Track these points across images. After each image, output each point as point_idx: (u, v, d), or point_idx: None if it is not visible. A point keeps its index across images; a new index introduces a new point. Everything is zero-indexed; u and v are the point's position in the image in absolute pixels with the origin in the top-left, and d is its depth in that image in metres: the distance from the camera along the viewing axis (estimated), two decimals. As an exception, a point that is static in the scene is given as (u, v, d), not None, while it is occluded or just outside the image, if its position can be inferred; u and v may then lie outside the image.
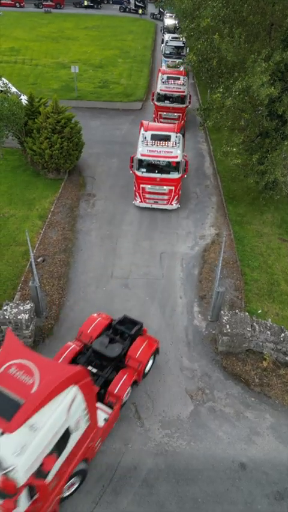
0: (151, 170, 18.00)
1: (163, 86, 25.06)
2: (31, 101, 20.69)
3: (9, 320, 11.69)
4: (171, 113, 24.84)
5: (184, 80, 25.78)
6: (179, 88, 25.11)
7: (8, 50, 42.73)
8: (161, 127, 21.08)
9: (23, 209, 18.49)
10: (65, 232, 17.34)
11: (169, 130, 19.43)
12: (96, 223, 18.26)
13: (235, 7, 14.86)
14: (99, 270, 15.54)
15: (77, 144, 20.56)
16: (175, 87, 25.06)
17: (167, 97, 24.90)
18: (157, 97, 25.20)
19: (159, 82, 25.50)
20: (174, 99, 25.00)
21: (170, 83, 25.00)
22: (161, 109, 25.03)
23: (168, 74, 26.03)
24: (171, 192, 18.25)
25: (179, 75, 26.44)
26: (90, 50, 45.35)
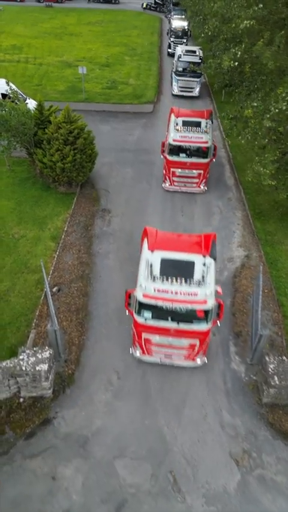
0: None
1: (177, 136, 18.40)
2: (41, 110, 19.05)
3: (26, 371, 10.25)
4: (188, 170, 18.99)
5: (207, 125, 19.05)
6: (200, 137, 18.50)
7: (10, 47, 40.87)
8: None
9: (34, 229, 16.98)
10: (81, 256, 15.85)
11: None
12: (113, 243, 16.77)
13: (272, 7, 13.24)
14: (121, 301, 13.96)
15: (90, 155, 19.00)
16: (195, 136, 18.43)
17: (183, 149, 18.66)
18: (169, 149, 18.69)
19: (171, 128, 18.91)
20: (193, 152, 18.67)
21: (188, 131, 18.49)
22: (175, 165, 18.98)
23: (184, 118, 19.21)
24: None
25: (199, 118, 19.40)
26: (95, 47, 43.47)
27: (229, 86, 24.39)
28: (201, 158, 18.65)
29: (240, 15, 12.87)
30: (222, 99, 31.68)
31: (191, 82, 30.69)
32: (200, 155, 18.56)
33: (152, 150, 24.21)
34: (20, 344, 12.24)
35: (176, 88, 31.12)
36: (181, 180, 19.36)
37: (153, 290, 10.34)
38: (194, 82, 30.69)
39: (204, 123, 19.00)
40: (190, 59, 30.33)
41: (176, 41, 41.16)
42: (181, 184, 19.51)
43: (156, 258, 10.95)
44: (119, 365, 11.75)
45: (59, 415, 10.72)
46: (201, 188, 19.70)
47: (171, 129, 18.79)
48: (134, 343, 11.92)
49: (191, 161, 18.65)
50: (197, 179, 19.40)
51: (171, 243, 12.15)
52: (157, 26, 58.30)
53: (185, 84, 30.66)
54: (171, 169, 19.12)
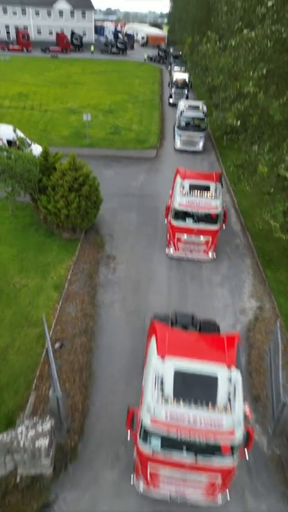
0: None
1: (184, 200, 16.68)
2: (46, 156, 19.00)
3: (24, 447, 9.10)
4: (195, 236, 17.19)
5: (217, 189, 17.18)
6: (209, 203, 16.62)
7: (17, 95, 42.36)
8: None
9: (36, 277, 16.27)
10: (85, 307, 15.02)
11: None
12: (119, 293, 16.00)
13: (279, 63, 13.46)
14: (128, 359, 13.08)
15: (95, 202, 18.71)
16: (203, 201, 16.59)
17: (190, 214, 16.86)
18: (174, 213, 17.00)
19: (177, 191, 17.18)
20: (201, 218, 16.82)
21: (195, 195, 16.75)
22: (180, 231, 17.23)
23: (192, 181, 17.47)
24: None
25: (208, 181, 17.66)
26: (98, 94, 45.17)
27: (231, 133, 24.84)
28: (210, 225, 16.87)
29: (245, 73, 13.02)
30: (224, 144, 32.34)
31: (194, 136, 29.98)
32: (209, 222, 16.81)
33: (157, 195, 24.14)
34: (19, 408, 11.14)
35: (178, 142, 30.32)
36: (187, 247, 17.72)
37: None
38: (198, 137, 29.99)
39: (214, 187, 17.28)
40: (193, 114, 29.59)
41: (177, 91, 42.43)
42: (187, 250, 17.83)
43: (168, 369, 8.55)
44: (127, 436, 10.56)
45: (60, 498, 9.44)
46: (209, 256, 17.82)
47: (176, 192, 17.23)
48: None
49: (198, 227, 16.89)
50: (205, 246, 17.54)
51: (186, 345, 9.82)
52: (158, 75, 61.26)
53: (188, 139, 29.95)
54: (176, 234, 17.42)
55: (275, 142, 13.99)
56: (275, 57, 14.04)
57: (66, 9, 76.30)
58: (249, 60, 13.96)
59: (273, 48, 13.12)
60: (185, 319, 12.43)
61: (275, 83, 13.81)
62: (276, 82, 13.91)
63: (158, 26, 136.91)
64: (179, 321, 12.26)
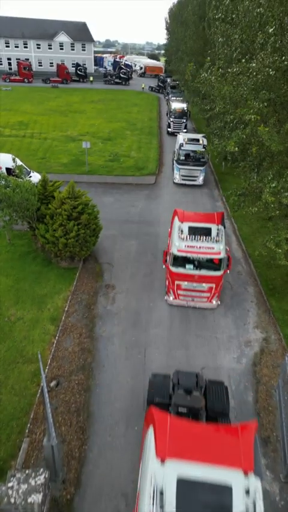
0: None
1: (183, 245, 15.02)
2: (44, 185, 18.82)
3: (15, 504, 8.28)
4: (197, 283, 15.46)
5: (219, 232, 15.61)
6: (211, 247, 14.99)
7: (17, 124, 43.00)
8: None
9: (32, 309, 15.68)
10: (83, 341, 14.36)
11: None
12: (118, 325, 15.37)
13: (280, 92, 13.44)
14: (128, 397, 12.31)
15: (94, 230, 18.38)
16: (204, 246, 14.96)
17: (190, 260, 15.19)
18: (173, 259, 15.29)
19: (175, 235, 15.61)
20: (203, 263, 15.19)
21: (195, 240, 15.09)
22: (180, 277, 15.52)
23: (191, 223, 15.90)
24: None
25: (209, 223, 16.04)
26: (97, 122, 45.92)
27: (231, 161, 24.84)
28: (213, 271, 15.18)
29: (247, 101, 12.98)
30: (222, 170, 32.48)
31: (194, 170, 28.71)
32: (211, 268, 15.14)
33: (156, 222, 23.89)
34: (10, 457, 10.31)
35: (177, 176, 29.14)
36: (188, 294, 15.89)
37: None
38: (198, 171, 28.77)
39: (216, 230, 15.66)
40: (193, 148, 28.35)
41: (176, 121, 42.35)
42: (188, 298, 16.02)
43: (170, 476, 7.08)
44: (127, 487, 9.74)
45: None
46: (213, 303, 16.09)
47: (174, 237, 15.58)
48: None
49: (200, 274, 15.22)
50: (208, 294, 15.78)
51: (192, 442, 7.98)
52: (155, 103, 62.66)
53: (188, 173, 28.73)
54: (175, 281, 15.70)
55: (277, 170, 13.76)
56: (276, 86, 14.07)
57: (66, 41, 79.10)
58: (250, 89, 13.96)
59: (274, 77, 13.12)
60: (189, 380, 10.98)
61: (276, 112, 13.75)
62: (277, 111, 13.85)
63: (155, 57, 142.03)
64: (182, 383, 10.86)
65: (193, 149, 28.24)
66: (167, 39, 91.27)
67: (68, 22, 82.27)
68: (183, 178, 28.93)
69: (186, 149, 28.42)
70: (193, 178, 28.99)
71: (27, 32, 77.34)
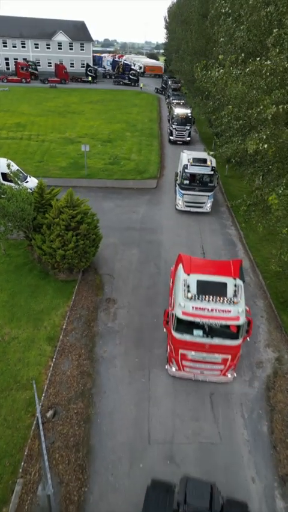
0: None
1: (190, 307, 11.31)
2: (41, 193, 17.77)
3: None
4: (208, 353, 11.74)
5: (237, 289, 11.75)
6: (227, 310, 11.22)
7: (14, 125, 41.91)
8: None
9: (28, 327, 14.63)
10: (82, 363, 13.32)
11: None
12: (120, 345, 14.32)
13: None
14: (132, 429, 11.29)
15: (93, 240, 17.33)
16: (218, 309, 11.21)
17: (199, 325, 11.44)
18: (176, 323, 11.64)
19: (179, 292, 11.76)
20: (215, 330, 11.41)
21: (207, 300, 11.30)
22: (186, 346, 11.82)
23: (200, 277, 12.02)
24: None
25: (224, 277, 12.16)
26: (97, 124, 44.85)
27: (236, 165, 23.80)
28: (229, 340, 11.38)
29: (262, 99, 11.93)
30: (226, 173, 31.44)
31: (200, 196, 24.11)
32: (227, 335, 11.37)
33: (159, 228, 22.86)
34: (1, 502, 9.27)
35: (180, 203, 24.46)
36: (196, 366, 12.26)
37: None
38: (205, 197, 24.19)
39: (232, 286, 11.66)
40: (200, 170, 23.74)
41: (179, 128, 38.75)
42: (196, 370, 12.45)
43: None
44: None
45: None
46: (228, 377, 12.53)
47: (179, 295, 11.55)
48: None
49: (211, 342, 11.43)
50: (222, 366, 12.09)
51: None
52: (155, 103, 61.60)
53: (193, 199, 24.15)
54: (179, 350, 11.99)
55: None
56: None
57: (65, 41, 77.92)
58: (262, 89, 12.90)
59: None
60: (200, 495, 8.19)
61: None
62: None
63: (154, 56, 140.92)
64: (191, 501, 8.12)
65: (199, 172, 23.77)
66: (166, 39, 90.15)
67: (66, 21, 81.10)
68: (187, 204, 24.43)
69: (191, 172, 23.87)
70: (199, 205, 24.48)
71: (25, 32, 76.15)
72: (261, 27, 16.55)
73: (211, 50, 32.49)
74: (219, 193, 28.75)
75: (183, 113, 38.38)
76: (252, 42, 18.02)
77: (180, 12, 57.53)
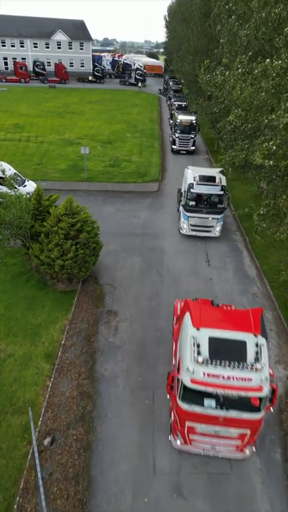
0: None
1: (200, 373, 9.17)
2: (39, 199, 16.98)
3: None
4: (222, 428, 9.65)
5: (260, 352, 9.41)
6: (247, 378, 9.07)
7: (13, 126, 41.10)
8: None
9: (24, 343, 13.86)
10: (82, 383, 12.53)
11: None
12: (122, 362, 13.54)
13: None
14: (135, 457, 10.52)
15: (94, 249, 16.55)
16: (234, 376, 9.08)
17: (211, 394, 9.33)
18: (183, 390, 9.45)
19: (187, 352, 9.56)
20: (231, 400, 9.29)
21: (220, 365, 9.16)
22: (195, 418, 9.70)
23: (213, 333, 9.80)
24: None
25: (240, 332, 9.86)
26: (96, 124, 44.05)
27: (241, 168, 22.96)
28: (249, 412, 9.26)
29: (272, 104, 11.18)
30: (229, 176, 30.58)
31: (208, 220, 21.10)
32: (246, 408, 9.23)
33: (161, 234, 22.09)
34: None
35: (185, 226, 21.38)
36: (206, 440, 10.08)
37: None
38: (214, 220, 21.13)
39: (253, 346, 9.37)
40: (207, 190, 20.57)
41: (183, 137, 35.37)
42: (206, 445, 10.26)
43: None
44: None
45: None
46: (245, 453, 10.35)
47: (186, 356, 9.44)
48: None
49: (226, 415, 9.28)
50: (238, 442, 9.93)
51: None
52: (156, 103, 60.82)
53: (200, 222, 21.13)
54: (186, 422, 9.83)
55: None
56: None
57: (64, 40, 77.07)
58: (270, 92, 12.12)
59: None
60: None
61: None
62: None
63: (154, 55, 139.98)
64: None
65: (207, 192, 20.66)
66: (166, 38, 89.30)
67: (65, 20, 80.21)
68: (193, 229, 21.30)
69: (198, 193, 20.64)
70: (207, 229, 21.37)
71: (24, 31, 75.30)
72: (270, 26, 15.78)
73: (213, 50, 31.72)
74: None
75: (188, 120, 35.02)
76: (259, 41, 17.25)
77: (181, 11, 56.66)
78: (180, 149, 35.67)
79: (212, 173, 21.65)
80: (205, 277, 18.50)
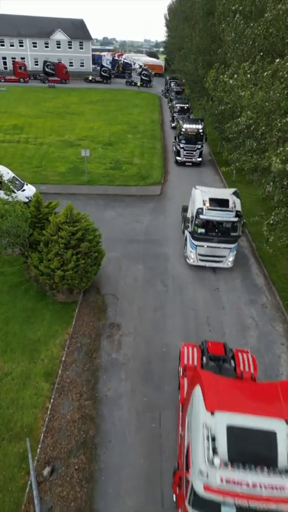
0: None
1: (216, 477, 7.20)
2: (38, 206, 16.21)
3: None
4: None
5: None
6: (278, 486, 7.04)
7: (11, 127, 40.30)
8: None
9: (23, 360, 13.09)
10: (84, 404, 11.77)
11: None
12: (126, 380, 12.77)
13: None
14: (142, 489, 9.76)
15: (95, 258, 15.79)
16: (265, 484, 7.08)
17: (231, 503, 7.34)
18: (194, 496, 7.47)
19: (198, 447, 7.66)
20: None
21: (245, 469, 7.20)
22: None
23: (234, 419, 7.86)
24: None
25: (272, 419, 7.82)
26: (97, 125, 43.25)
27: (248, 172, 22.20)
28: None
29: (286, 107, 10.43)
30: (233, 178, 29.84)
31: (219, 249, 18.01)
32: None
33: (165, 241, 21.33)
34: None
35: (193, 256, 18.34)
36: None
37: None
38: (226, 250, 18.05)
39: (285, 439, 7.50)
40: (220, 216, 17.32)
41: (188, 147, 32.07)
42: None
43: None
44: None
45: None
46: None
47: (197, 452, 7.64)
48: None
49: None
50: None
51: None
52: (157, 103, 60.00)
53: (210, 252, 18.06)
54: None
55: None
56: None
57: (63, 39, 76.24)
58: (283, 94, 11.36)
59: None
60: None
61: None
62: None
63: (154, 55, 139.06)
64: None
65: (219, 219, 17.36)
66: (166, 37, 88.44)
67: (65, 19, 79.38)
68: (202, 258, 18.32)
69: (208, 219, 17.40)
70: (218, 259, 18.32)
71: (23, 30, 74.49)
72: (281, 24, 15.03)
73: (216, 50, 30.94)
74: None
75: (194, 129, 31.67)
76: (268, 40, 16.50)
77: (183, 10, 55.89)
78: (186, 161, 32.76)
79: (224, 195, 18.64)
80: (211, 286, 17.75)
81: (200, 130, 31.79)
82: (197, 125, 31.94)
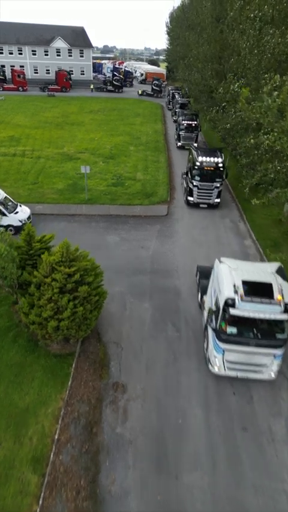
0: None
1: None
2: (29, 240, 13.76)
3: None
4: None
5: None
6: None
7: (7, 139, 38.03)
8: None
9: (6, 439, 10.53)
10: (81, 506, 9.21)
11: None
12: (134, 467, 10.21)
13: None
14: None
15: (96, 301, 13.29)
16: None
17: None
18: None
19: None
20: None
21: None
22: None
23: None
24: None
25: None
26: (97, 136, 41.02)
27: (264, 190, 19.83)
28: None
29: None
30: (246, 196, 27.39)
31: (259, 355, 12.19)
32: None
33: (174, 271, 18.88)
34: None
35: (218, 362, 12.65)
36: None
37: None
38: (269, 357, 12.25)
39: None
40: (261, 313, 11.33)
41: (204, 186, 24.86)
42: None
43: None
44: None
45: None
46: None
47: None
48: None
49: None
50: None
51: None
52: (159, 112, 57.93)
53: (245, 359, 12.41)
54: None
55: None
56: None
57: (63, 47, 74.48)
58: None
59: None
60: None
61: None
62: None
63: (154, 63, 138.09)
64: None
65: (261, 316, 11.40)
66: (168, 45, 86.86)
67: (65, 27, 77.73)
68: (231, 367, 12.66)
69: (244, 316, 11.52)
70: (255, 369, 12.60)
71: (22, 38, 72.75)
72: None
73: (228, 58, 28.74)
74: (240, 221, 24.77)
75: (212, 163, 24.53)
76: None
77: (186, 17, 54.03)
78: (201, 202, 25.47)
79: (264, 276, 12.36)
80: (231, 331, 15.20)
81: (220, 164, 24.59)
82: (216, 158, 24.67)
